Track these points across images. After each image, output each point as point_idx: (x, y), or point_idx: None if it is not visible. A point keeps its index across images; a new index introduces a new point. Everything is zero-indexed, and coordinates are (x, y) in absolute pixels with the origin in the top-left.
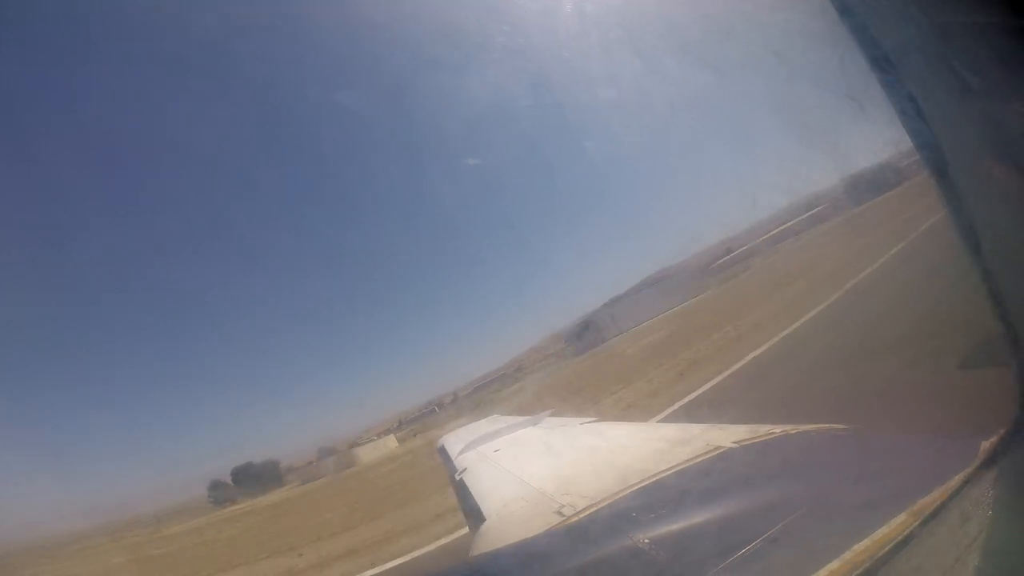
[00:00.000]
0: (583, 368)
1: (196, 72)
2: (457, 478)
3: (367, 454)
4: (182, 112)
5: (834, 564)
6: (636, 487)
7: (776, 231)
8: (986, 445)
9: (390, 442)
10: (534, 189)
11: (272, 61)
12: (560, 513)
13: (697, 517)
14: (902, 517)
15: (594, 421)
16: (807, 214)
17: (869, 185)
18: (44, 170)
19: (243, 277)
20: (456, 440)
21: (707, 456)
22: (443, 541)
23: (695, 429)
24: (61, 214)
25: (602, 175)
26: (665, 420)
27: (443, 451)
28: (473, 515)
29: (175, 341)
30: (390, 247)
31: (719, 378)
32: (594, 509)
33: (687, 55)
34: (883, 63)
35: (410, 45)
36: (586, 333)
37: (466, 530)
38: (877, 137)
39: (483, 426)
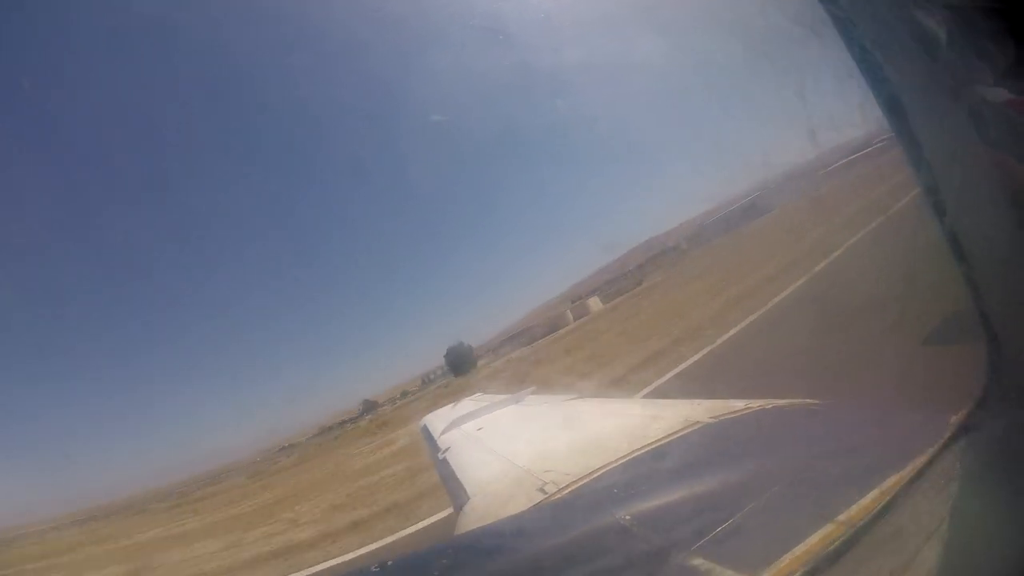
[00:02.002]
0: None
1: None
2: (440, 457)
3: (592, 306)
4: (143, 95)
5: (813, 538)
6: (617, 463)
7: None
8: (959, 414)
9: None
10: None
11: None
12: (543, 490)
13: (677, 492)
14: (880, 488)
15: (575, 398)
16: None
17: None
18: (41, 168)
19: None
20: (439, 419)
21: (685, 431)
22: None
23: (674, 405)
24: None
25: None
26: None
27: (425, 430)
28: (457, 494)
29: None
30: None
31: None
32: (576, 486)
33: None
34: (863, 45)
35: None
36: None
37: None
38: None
39: (466, 405)
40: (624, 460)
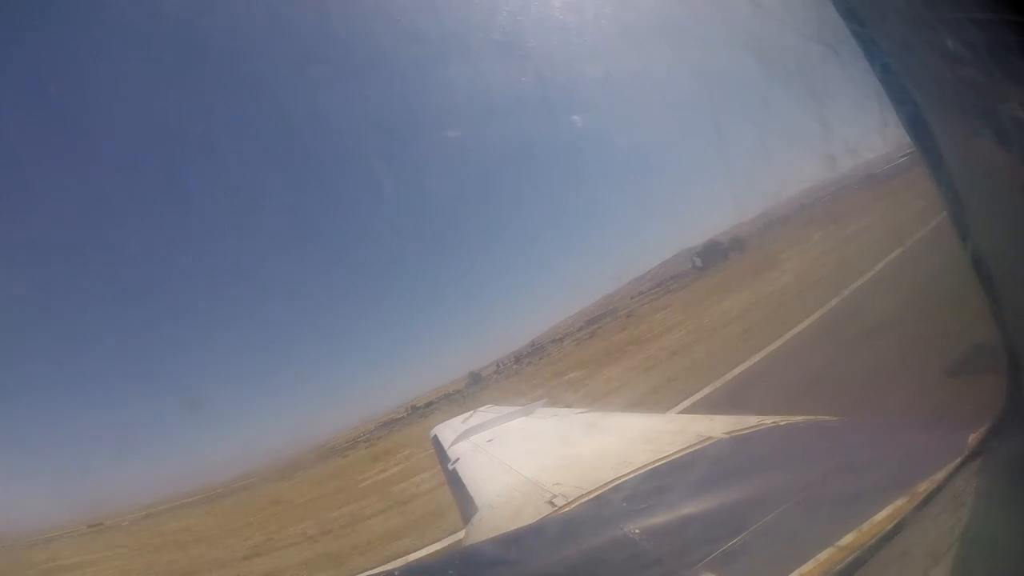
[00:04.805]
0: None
1: (176, 62)
2: (450, 468)
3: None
4: (161, 103)
5: (824, 553)
6: (627, 477)
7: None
8: (974, 437)
9: None
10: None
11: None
12: (552, 503)
13: (687, 507)
14: (892, 507)
15: (585, 411)
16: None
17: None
18: (45, 170)
19: None
20: (449, 430)
21: (698, 446)
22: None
23: (685, 420)
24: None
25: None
26: None
27: (436, 441)
28: (466, 505)
29: None
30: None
31: None
32: (585, 499)
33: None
34: (879, 54)
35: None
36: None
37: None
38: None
39: (476, 416)
40: (634, 475)
